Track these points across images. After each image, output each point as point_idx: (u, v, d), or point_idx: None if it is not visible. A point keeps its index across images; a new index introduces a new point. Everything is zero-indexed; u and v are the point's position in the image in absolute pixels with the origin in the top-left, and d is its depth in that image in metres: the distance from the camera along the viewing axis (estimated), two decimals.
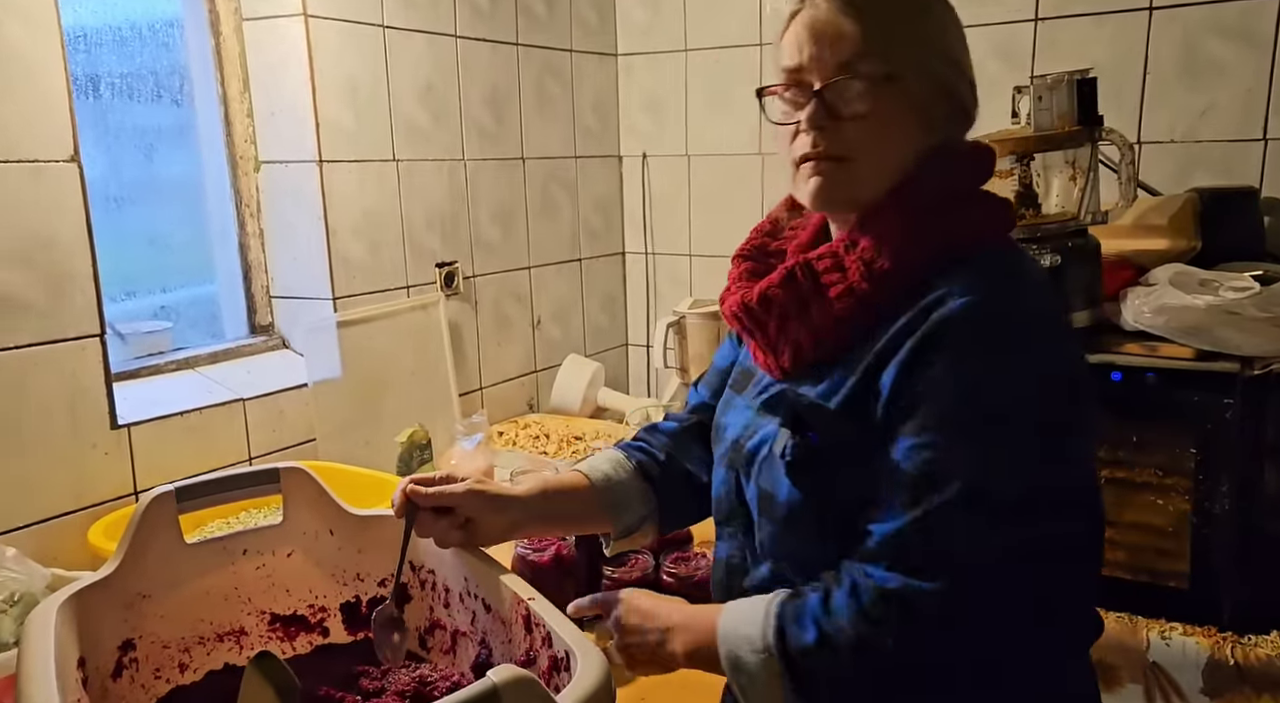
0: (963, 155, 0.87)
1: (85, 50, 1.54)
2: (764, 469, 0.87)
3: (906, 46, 0.82)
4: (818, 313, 0.85)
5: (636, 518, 1.05)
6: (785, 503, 0.85)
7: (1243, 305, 1.35)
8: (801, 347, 0.87)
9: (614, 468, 1.06)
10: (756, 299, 0.88)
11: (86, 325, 1.39)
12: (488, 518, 0.97)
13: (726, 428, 0.96)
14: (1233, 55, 1.81)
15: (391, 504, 0.98)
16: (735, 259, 0.98)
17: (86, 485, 1.40)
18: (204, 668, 1.01)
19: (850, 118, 0.82)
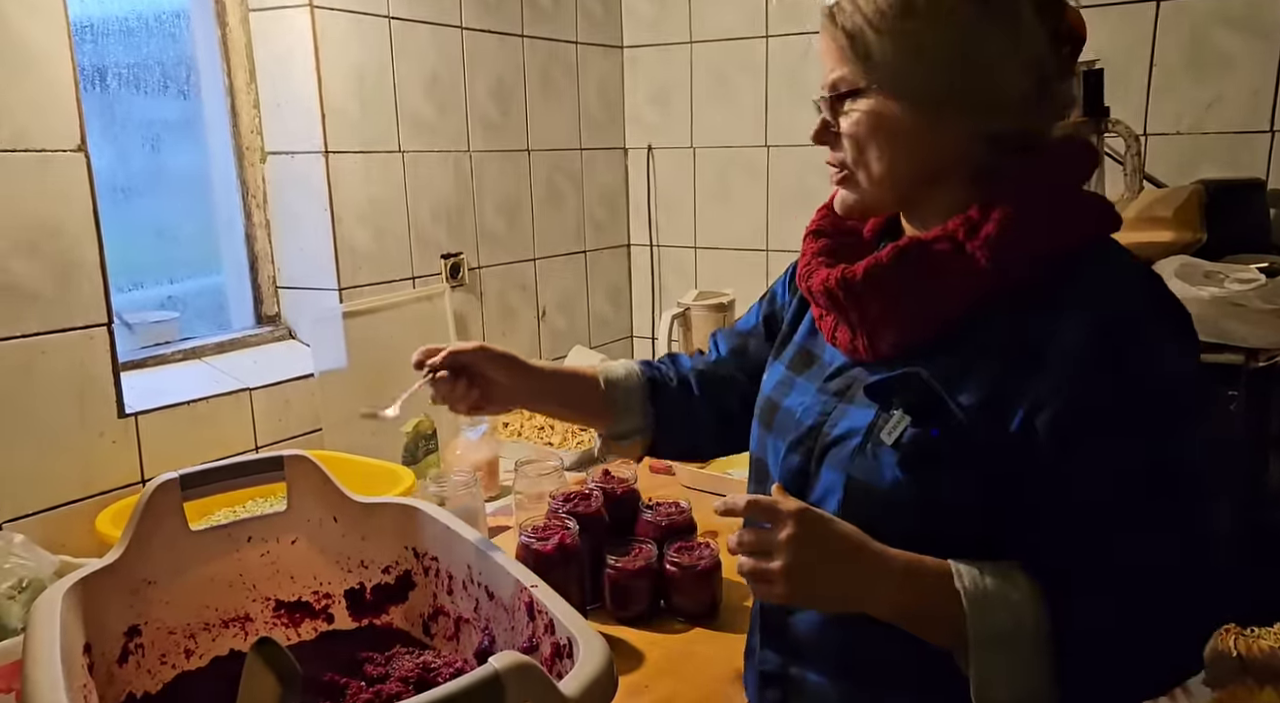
0: (1066, 146, 0.84)
1: (92, 41, 1.55)
2: (857, 458, 0.83)
3: (883, 54, 0.79)
4: (931, 296, 0.81)
5: (631, 426, 1.11)
6: (887, 493, 0.81)
7: (1248, 297, 1.34)
8: (905, 330, 0.83)
9: (625, 374, 1.12)
10: (862, 274, 0.84)
11: (94, 315, 1.40)
12: (496, 377, 1.05)
13: (796, 411, 0.92)
14: (1240, 46, 1.80)
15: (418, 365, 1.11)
16: (809, 236, 0.95)
17: (94, 473, 1.42)
18: (209, 654, 1.01)
19: (838, 130, 0.85)
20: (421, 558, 1.07)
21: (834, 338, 0.90)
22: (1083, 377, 0.75)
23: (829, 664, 0.89)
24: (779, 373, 0.98)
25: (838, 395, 0.89)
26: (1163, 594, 0.75)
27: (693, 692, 1.13)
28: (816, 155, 0.92)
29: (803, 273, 0.92)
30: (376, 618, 1.09)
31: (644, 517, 1.38)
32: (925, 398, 0.79)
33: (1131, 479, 0.74)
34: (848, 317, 0.87)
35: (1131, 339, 0.75)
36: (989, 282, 0.79)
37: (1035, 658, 0.74)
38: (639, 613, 1.30)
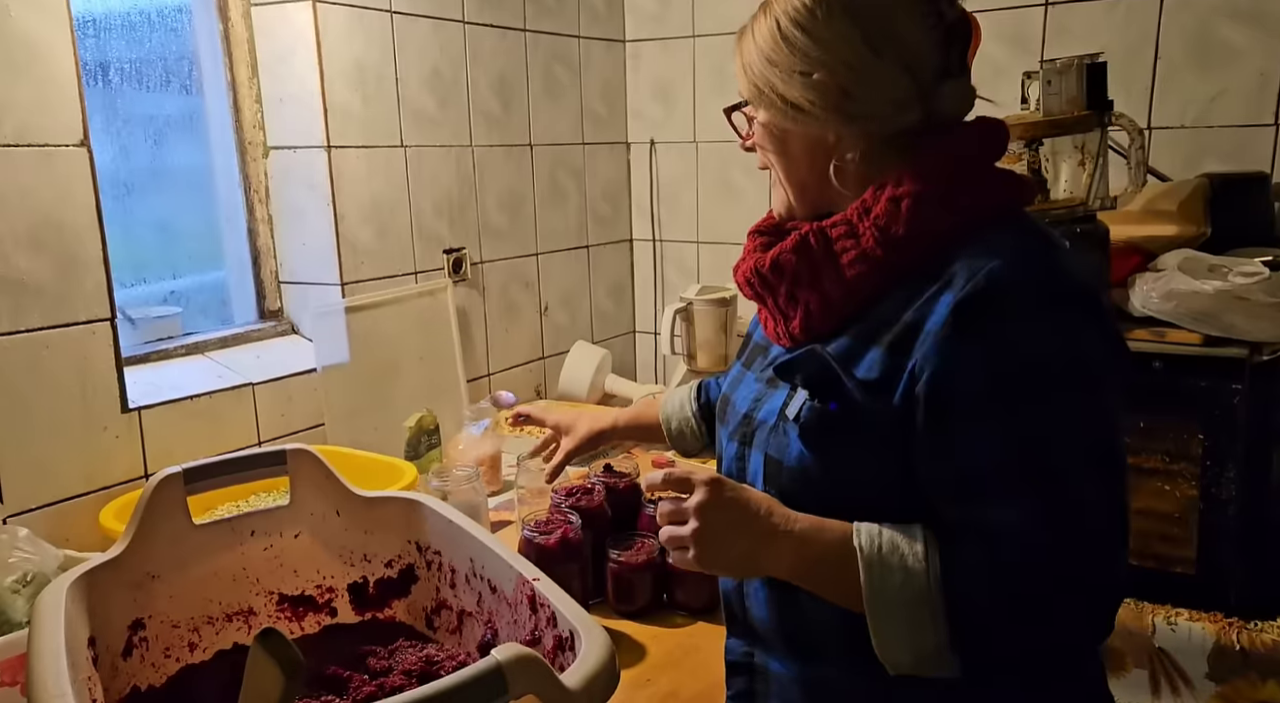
0: (968, 126, 0.88)
1: (94, 36, 1.55)
2: (772, 437, 0.88)
3: (754, 74, 0.88)
4: (830, 279, 0.86)
5: (694, 449, 1.28)
6: (793, 468, 0.85)
7: (1251, 291, 1.34)
8: (812, 312, 0.88)
9: (679, 406, 1.27)
10: (769, 264, 0.89)
11: (97, 309, 1.40)
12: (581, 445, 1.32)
13: (736, 402, 0.97)
14: (1245, 40, 1.80)
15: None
16: (751, 234, 1.00)
17: (98, 468, 1.42)
18: (213, 648, 1.02)
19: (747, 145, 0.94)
20: (424, 552, 1.07)
21: (766, 327, 0.95)
22: (946, 350, 0.77)
23: (780, 645, 0.91)
24: (735, 370, 1.03)
25: (769, 383, 0.93)
26: (1033, 559, 0.76)
27: (695, 685, 1.13)
28: None
29: (735, 266, 0.97)
30: (379, 612, 1.09)
31: (646, 511, 1.38)
32: (822, 374, 0.83)
33: (994, 449, 0.76)
34: (766, 304, 0.93)
35: (994, 313, 0.76)
36: (879, 261, 0.83)
37: (929, 618, 0.76)
38: (641, 607, 1.30)
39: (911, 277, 0.82)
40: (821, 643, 0.87)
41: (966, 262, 0.79)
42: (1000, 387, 0.76)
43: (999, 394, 0.76)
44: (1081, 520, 0.76)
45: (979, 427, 0.77)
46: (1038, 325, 0.76)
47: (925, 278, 0.81)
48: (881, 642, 0.78)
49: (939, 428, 0.78)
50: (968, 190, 0.83)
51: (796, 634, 0.89)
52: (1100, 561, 0.77)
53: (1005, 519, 0.76)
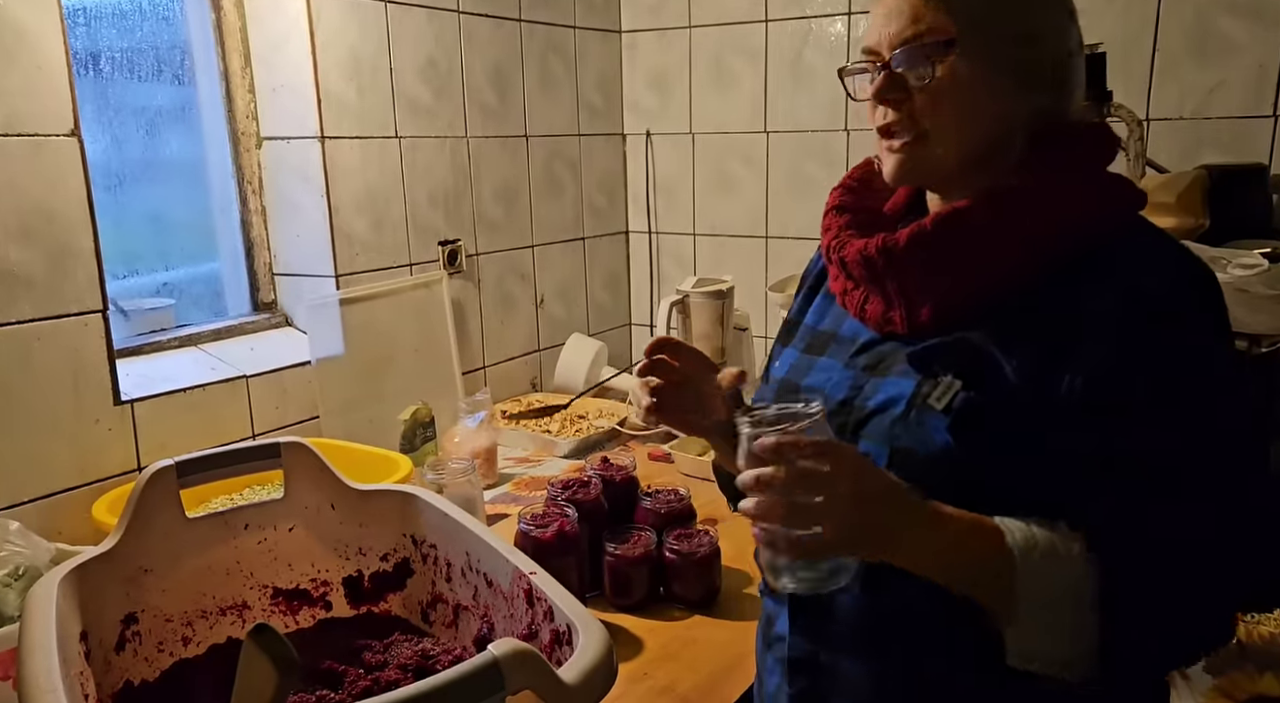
0: (1082, 129, 0.86)
1: (85, 24, 1.53)
2: (900, 428, 0.81)
3: (970, 12, 0.81)
4: (976, 262, 0.81)
5: None
6: (931, 458, 0.79)
7: (1251, 283, 1.34)
8: (950, 298, 0.82)
9: None
10: (905, 242, 0.83)
11: (89, 301, 1.39)
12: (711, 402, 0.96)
13: (823, 387, 0.90)
14: (1243, 31, 1.79)
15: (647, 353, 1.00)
16: (832, 211, 0.95)
17: (90, 461, 1.41)
18: (207, 642, 1.01)
19: (916, 89, 0.82)
20: (420, 545, 1.06)
21: (862, 312, 0.89)
22: (1122, 346, 0.75)
23: (864, 645, 0.86)
24: (793, 356, 0.97)
25: (868, 370, 0.87)
26: (1200, 565, 0.74)
27: (692, 678, 1.12)
28: (816, 142, 0.92)
29: (833, 245, 0.91)
30: (375, 606, 1.09)
31: (643, 504, 1.38)
32: (977, 362, 0.79)
33: (1169, 449, 0.75)
34: (884, 287, 0.86)
35: (1170, 309, 0.76)
36: (1028, 252, 0.80)
37: (1079, 621, 0.73)
38: (638, 600, 1.29)
39: (1054, 271, 0.80)
40: (912, 636, 0.83)
41: (1133, 256, 0.78)
42: (1190, 382, 0.75)
43: (1188, 389, 0.75)
44: (1243, 523, 0.76)
45: (1166, 420, 0.75)
46: (1214, 326, 0.78)
47: (1077, 269, 0.79)
48: (1023, 641, 0.74)
49: (1121, 420, 0.75)
50: (1103, 191, 0.83)
51: (881, 628, 0.84)
52: (1256, 568, 0.77)
53: (1177, 516, 0.74)
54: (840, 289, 0.93)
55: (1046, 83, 0.83)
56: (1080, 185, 0.82)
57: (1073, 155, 0.83)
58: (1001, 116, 0.83)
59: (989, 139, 0.83)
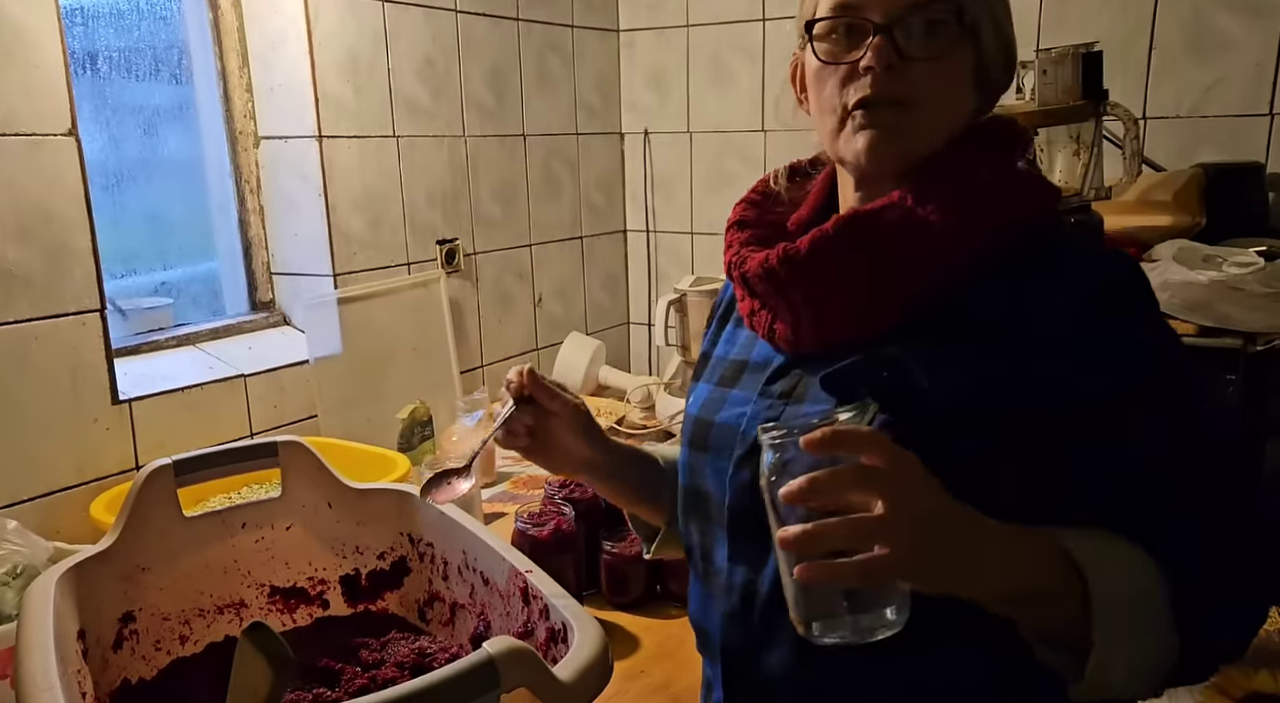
0: (1003, 124, 0.80)
1: (82, 24, 1.53)
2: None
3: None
4: (883, 272, 0.73)
5: None
6: None
7: (1246, 281, 1.34)
8: (858, 310, 0.75)
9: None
10: (807, 249, 0.74)
11: (86, 300, 1.39)
12: (567, 444, 0.91)
13: (737, 424, 0.81)
14: (1241, 29, 1.79)
15: (506, 385, 0.91)
16: (733, 228, 0.86)
17: (88, 460, 1.41)
18: (204, 640, 1.01)
19: (921, 59, 0.73)
20: (417, 544, 1.06)
21: (770, 333, 0.80)
22: (1093, 348, 0.69)
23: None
24: (705, 391, 0.87)
25: (784, 397, 0.79)
26: (1245, 549, 0.70)
27: (688, 677, 1.13)
28: (813, 141, 0.85)
29: (733, 262, 0.82)
30: (372, 604, 1.09)
31: None
32: (893, 382, 0.69)
33: (1171, 440, 0.70)
34: (790, 301, 0.77)
35: (1133, 309, 0.72)
36: (943, 254, 0.73)
37: (1162, 628, 0.65)
38: (635, 598, 1.30)
39: (985, 268, 0.73)
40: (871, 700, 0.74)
41: (1071, 252, 0.73)
42: (1174, 373, 0.71)
43: (1175, 381, 0.71)
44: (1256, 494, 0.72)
45: (1153, 420, 0.69)
46: (1160, 318, 0.74)
47: (999, 269, 0.72)
48: (1105, 658, 0.64)
49: (1116, 426, 0.69)
50: (1019, 185, 0.77)
51: (837, 695, 0.75)
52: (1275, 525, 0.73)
53: (1204, 507, 0.69)
54: (748, 310, 0.84)
55: (996, 84, 0.79)
56: (995, 182, 0.75)
57: (985, 152, 0.76)
58: (964, 111, 0.77)
59: (956, 127, 0.76)
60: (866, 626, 0.61)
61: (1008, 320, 0.71)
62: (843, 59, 0.75)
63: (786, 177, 0.90)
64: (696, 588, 0.87)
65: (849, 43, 0.75)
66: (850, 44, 0.75)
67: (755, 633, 0.77)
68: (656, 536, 0.99)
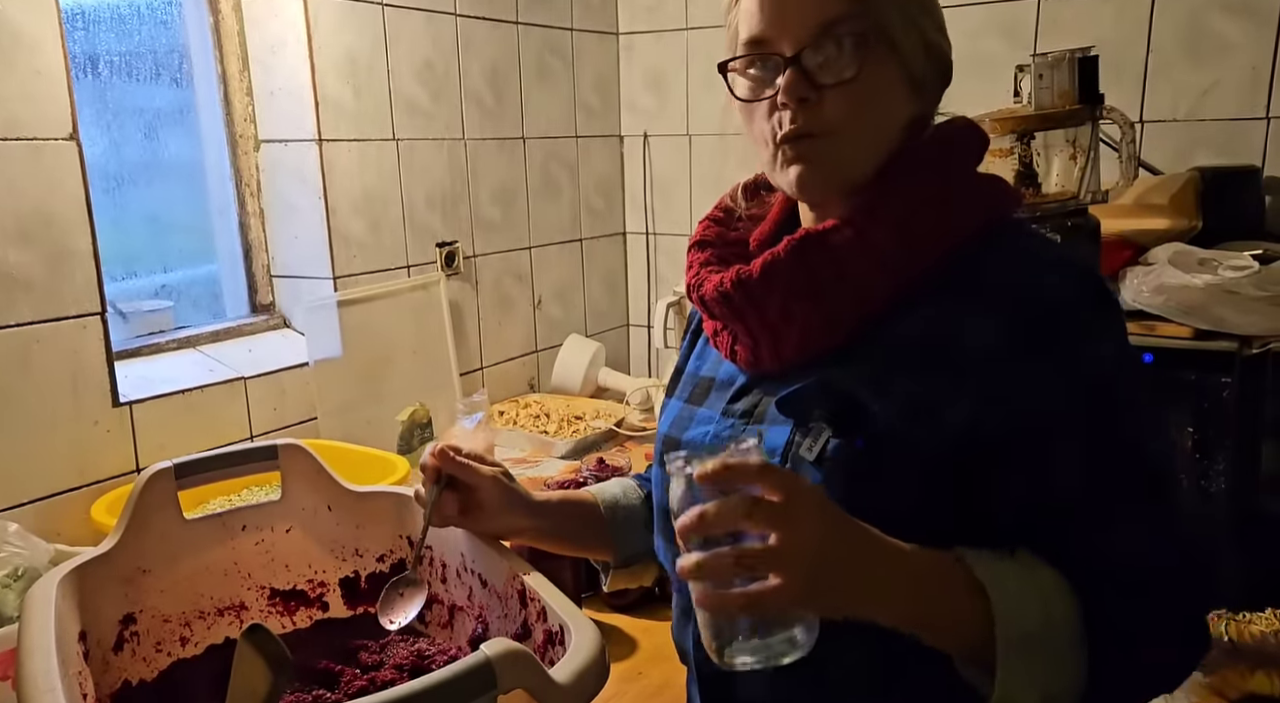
0: (959, 127, 0.79)
1: (83, 28, 1.54)
2: None
3: (894, 4, 0.72)
4: (835, 289, 0.73)
5: (640, 547, 0.98)
6: None
7: (1241, 284, 1.34)
8: (812, 330, 0.75)
9: (624, 493, 1.00)
10: (759, 272, 0.75)
11: (87, 303, 1.40)
12: (495, 511, 0.92)
13: (701, 443, 0.82)
14: (1237, 32, 1.80)
15: (421, 468, 0.93)
16: (694, 248, 0.86)
17: (89, 462, 1.42)
18: (205, 642, 1.02)
19: (834, 85, 0.72)
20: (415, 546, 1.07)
21: (733, 353, 0.81)
22: (1024, 372, 0.68)
23: None
24: (676, 408, 0.89)
25: (745, 416, 0.80)
26: (1163, 582, 0.69)
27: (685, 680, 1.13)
28: None
29: (692, 283, 0.82)
30: (371, 606, 1.09)
31: None
32: (844, 406, 0.70)
33: (1102, 466, 0.69)
34: (746, 323, 0.78)
35: (1065, 328, 0.69)
36: (896, 272, 0.73)
37: (1069, 651, 0.66)
38: (633, 600, 1.30)
39: (928, 287, 0.73)
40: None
41: (1002, 272, 0.72)
42: (1094, 401, 0.69)
43: (1094, 409, 0.69)
44: (1184, 520, 0.71)
45: (1079, 446, 0.69)
46: (1106, 335, 0.71)
47: (945, 288, 0.72)
48: (1009, 686, 0.65)
49: (1029, 455, 0.69)
50: (972, 193, 0.76)
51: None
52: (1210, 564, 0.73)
53: (1129, 535, 0.69)
54: (711, 330, 0.84)
55: (929, 88, 0.77)
56: (950, 192, 0.74)
57: (938, 164, 0.75)
58: (903, 123, 0.76)
59: (892, 140, 0.75)
60: (775, 651, 0.62)
61: (946, 343, 0.71)
62: (761, 95, 0.75)
63: (746, 194, 0.89)
64: (675, 606, 0.89)
65: (766, 76, 0.75)
66: (767, 77, 0.75)
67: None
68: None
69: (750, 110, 0.77)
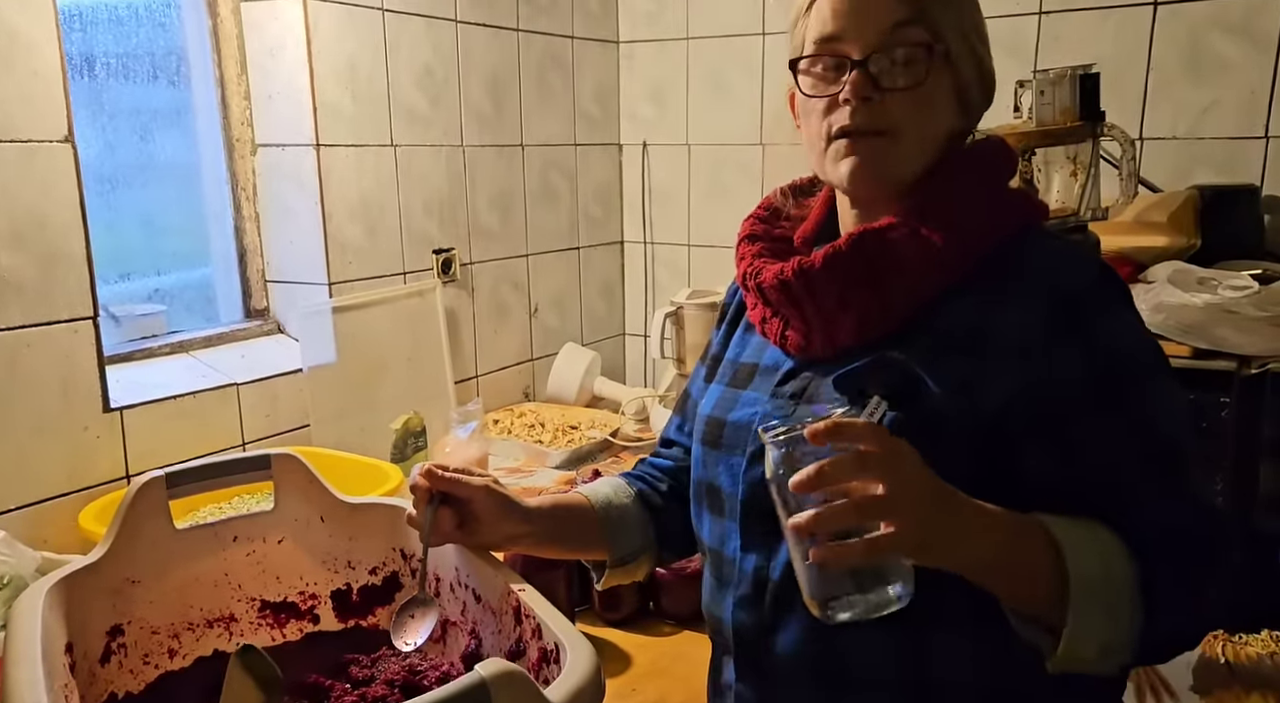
0: (995, 144, 0.87)
1: (80, 29, 1.53)
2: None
3: (950, 15, 0.81)
4: (892, 280, 0.80)
5: (634, 547, 1.00)
6: None
7: (1240, 304, 1.34)
8: (868, 317, 0.82)
9: (615, 492, 1.02)
10: (821, 263, 0.82)
11: (79, 307, 1.38)
12: (492, 521, 0.93)
13: (750, 422, 0.87)
14: (1236, 52, 1.80)
15: (412, 490, 0.94)
16: (745, 241, 0.93)
17: (78, 468, 1.40)
18: (193, 654, 1.00)
19: (897, 89, 0.79)
20: (409, 559, 1.06)
21: (782, 339, 0.88)
22: (1062, 351, 0.75)
23: (815, 684, 0.83)
24: (717, 392, 0.94)
25: (794, 398, 0.86)
26: (1199, 535, 0.74)
27: (680, 695, 1.12)
28: None
29: (749, 272, 0.89)
30: (363, 619, 1.08)
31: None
32: (903, 381, 0.76)
33: (1135, 441, 0.75)
34: (802, 311, 0.84)
35: (1098, 311, 0.77)
36: (944, 269, 0.80)
37: (1129, 603, 0.71)
38: (627, 615, 1.29)
39: (974, 280, 0.80)
40: (874, 675, 0.80)
41: (1037, 265, 0.79)
42: (1127, 378, 0.75)
43: (1137, 379, 0.76)
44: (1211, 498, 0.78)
45: (1115, 422, 0.75)
46: (1132, 320, 0.79)
47: (988, 280, 0.79)
48: (1076, 632, 0.70)
49: (1076, 426, 0.75)
50: (1009, 202, 0.84)
51: (840, 668, 0.81)
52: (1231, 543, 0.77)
53: (1162, 505, 0.74)
54: (759, 318, 0.90)
55: (975, 105, 0.85)
56: (989, 201, 0.82)
57: (981, 173, 0.84)
58: (948, 134, 0.84)
59: (939, 148, 0.83)
60: (875, 602, 0.67)
61: (989, 328, 0.78)
62: (825, 92, 0.82)
63: (790, 194, 0.97)
64: (708, 579, 0.93)
65: (831, 76, 0.82)
66: (832, 77, 0.82)
67: (766, 616, 0.83)
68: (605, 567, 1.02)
69: (808, 108, 0.84)
